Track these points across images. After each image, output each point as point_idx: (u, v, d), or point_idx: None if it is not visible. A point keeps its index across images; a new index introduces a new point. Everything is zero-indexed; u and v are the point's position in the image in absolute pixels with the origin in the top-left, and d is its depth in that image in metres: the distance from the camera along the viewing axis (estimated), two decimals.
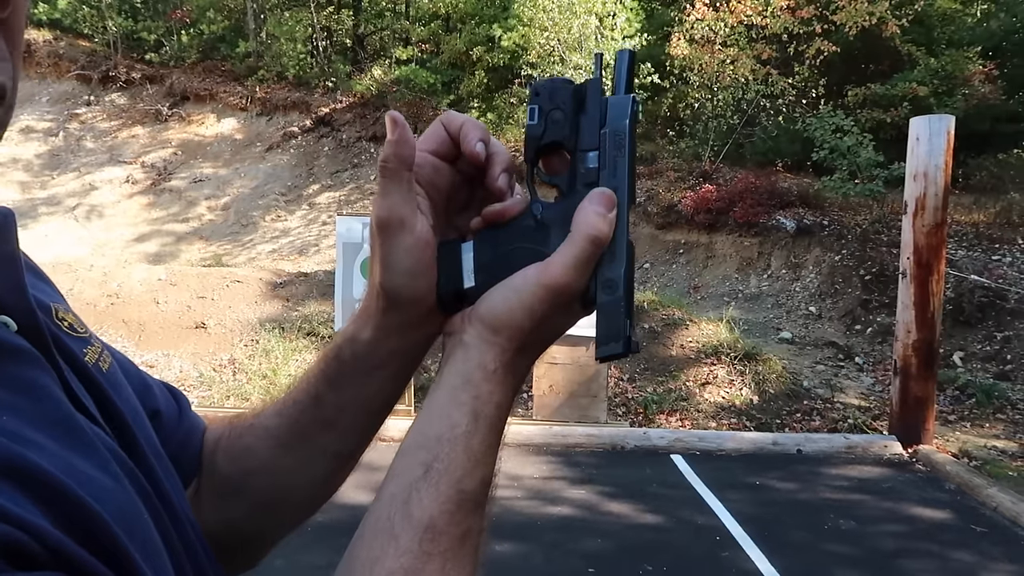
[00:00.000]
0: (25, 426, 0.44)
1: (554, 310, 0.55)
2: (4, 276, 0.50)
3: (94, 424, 0.51)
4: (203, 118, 18.87)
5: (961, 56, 13.58)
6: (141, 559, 0.45)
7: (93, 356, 0.58)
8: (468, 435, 0.53)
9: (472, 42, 17.90)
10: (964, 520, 5.12)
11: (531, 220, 0.58)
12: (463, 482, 0.52)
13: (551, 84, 0.60)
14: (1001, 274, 9.64)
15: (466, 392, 0.54)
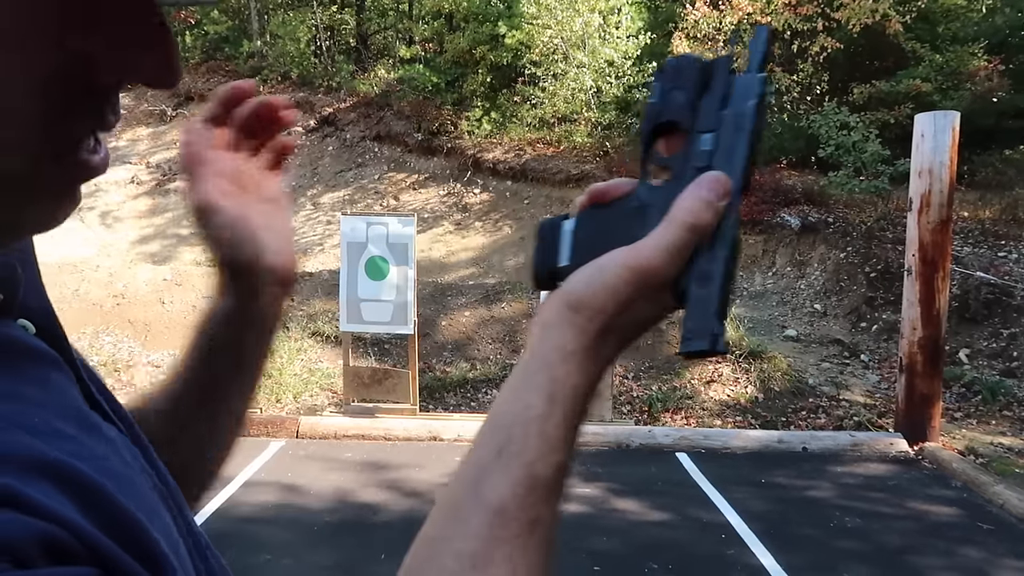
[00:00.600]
0: (56, 424, 0.45)
1: (640, 295, 0.51)
2: (26, 280, 0.51)
3: (108, 422, 0.52)
4: None
5: (966, 52, 13.53)
6: (172, 554, 0.46)
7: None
8: (543, 418, 0.51)
9: (475, 41, 17.90)
10: (971, 517, 5.11)
11: (636, 202, 0.55)
12: (536, 466, 0.50)
13: (678, 62, 0.56)
14: (1007, 271, 9.61)
15: (542, 374, 0.52)
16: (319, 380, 7.89)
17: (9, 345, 0.48)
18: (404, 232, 6.80)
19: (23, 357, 0.48)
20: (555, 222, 0.57)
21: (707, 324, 0.48)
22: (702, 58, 0.55)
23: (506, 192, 15.88)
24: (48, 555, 0.39)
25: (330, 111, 18.11)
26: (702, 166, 0.52)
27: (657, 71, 0.58)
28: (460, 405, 7.65)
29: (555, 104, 15.84)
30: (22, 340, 0.49)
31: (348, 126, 17.98)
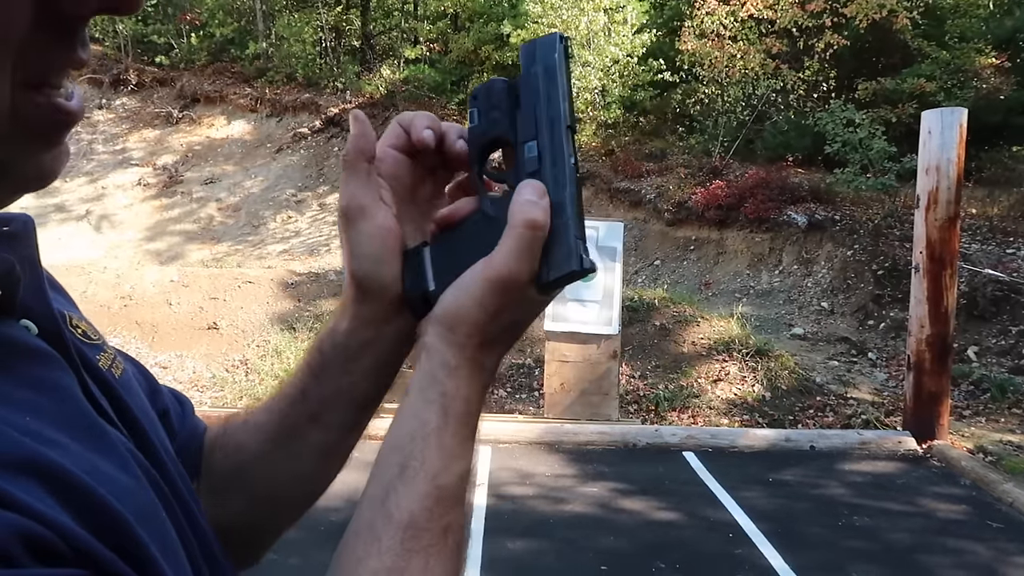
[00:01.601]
0: (47, 426, 0.45)
1: (505, 301, 0.55)
2: (27, 280, 0.51)
3: (112, 426, 0.52)
4: (213, 120, 18.95)
5: (972, 49, 13.47)
6: (162, 557, 0.46)
7: (106, 362, 0.59)
8: (439, 431, 0.54)
9: (480, 40, 17.91)
10: (980, 516, 5.09)
11: (482, 216, 0.59)
12: (439, 477, 0.52)
13: (487, 85, 0.61)
14: (1015, 267, 9.56)
15: (433, 390, 0.55)
16: None
17: (7, 345, 0.48)
18: None
19: (20, 357, 0.48)
20: (417, 250, 0.61)
21: (569, 248, 0.53)
22: (507, 79, 0.60)
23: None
24: (32, 553, 0.38)
25: (336, 111, 18.14)
26: (532, 171, 0.57)
27: (470, 98, 0.62)
28: None
29: None
30: (21, 340, 0.49)
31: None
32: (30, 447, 0.42)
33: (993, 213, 11.24)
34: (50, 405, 0.47)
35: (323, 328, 0.68)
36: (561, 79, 0.58)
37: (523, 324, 0.58)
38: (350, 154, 0.61)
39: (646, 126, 16.46)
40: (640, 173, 14.23)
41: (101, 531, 0.43)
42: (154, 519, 0.49)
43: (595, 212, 14.04)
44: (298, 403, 0.69)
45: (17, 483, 0.40)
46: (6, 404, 0.44)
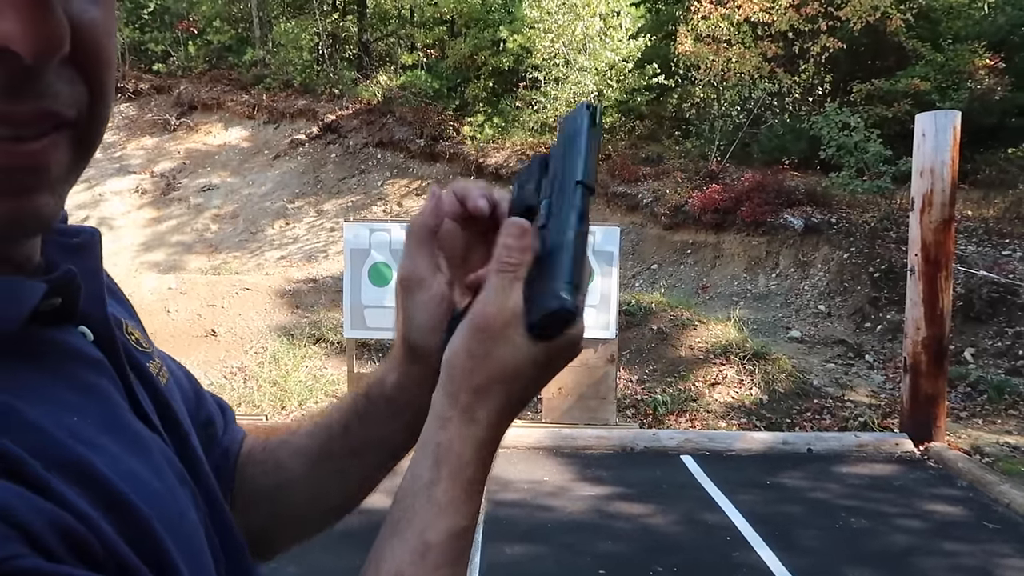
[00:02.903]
0: (92, 429, 0.48)
1: (488, 345, 0.54)
2: (87, 289, 0.53)
3: (154, 432, 0.55)
4: (211, 127, 18.97)
5: (967, 50, 13.52)
6: (184, 565, 0.48)
7: (155, 369, 0.63)
8: (429, 485, 0.53)
9: (477, 46, 17.95)
10: (976, 517, 5.10)
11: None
12: (426, 533, 0.52)
13: (528, 163, 0.65)
14: (1011, 269, 9.59)
15: (429, 444, 0.55)
16: (324, 387, 7.91)
17: (62, 350, 0.51)
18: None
19: (74, 362, 0.51)
20: (458, 316, 0.61)
21: (553, 289, 0.53)
22: (543, 154, 0.64)
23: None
24: (69, 548, 0.40)
25: (333, 118, 18.17)
26: (541, 225, 0.58)
27: (515, 176, 0.66)
28: None
29: (557, 108, 15.84)
30: (76, 346, 0.52)
31: (351, 133, 18.04)
32: (74, 449, 0.45)
33: (989, 215, 11.28)
34: (96, 409, 0.50)
35: (371, 375, 0.72)
36: (581, 141, 0.60)
37: (521, 366, 0.54)
38: (417, 227, 0.64)
39: (642, 130, 16.50)
40: (637, 177, 14.26)
41: (130, 537, 0.45)
42: (182, 527, 0.51)
43: (592, 217, 13.97)
44: (339, 437, 0.74)
45: (61, 482, 0.42)
46: (57, 406, 0.47)
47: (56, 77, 0.43)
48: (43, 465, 0.42)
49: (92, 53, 0.45)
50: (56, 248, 0.55)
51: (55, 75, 0.43)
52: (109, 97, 0.49)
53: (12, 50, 0.40)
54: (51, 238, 0.55)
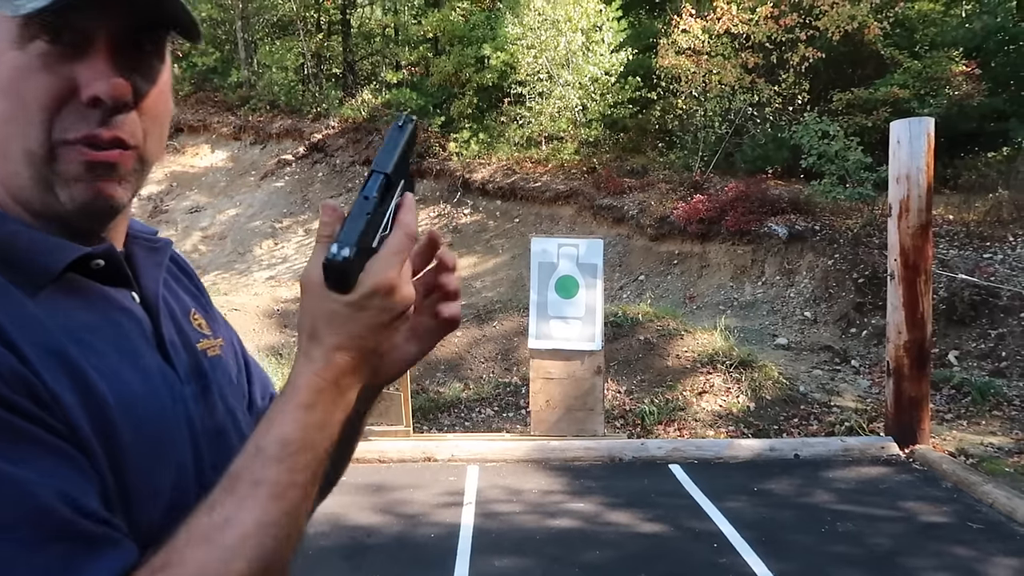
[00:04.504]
0: (97, 338, 0.70)
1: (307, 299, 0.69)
2: (150, 274, 0.83)
3: (170, 366, 0.78)
4: (197, 149, 19.01)
5: (943, 57, 13.72)
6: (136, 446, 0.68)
7: (206, 345, 0.87)
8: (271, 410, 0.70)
9: (461, 63, 18.09)
10: (961, 517, 5.15)
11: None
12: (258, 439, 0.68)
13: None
14: (992, 272, 9.70)
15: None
16: None
17: (105, 296, 0.76)
18: None
19: (109, 304, 0.76)
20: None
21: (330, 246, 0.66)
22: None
23: (496, 211, 15.98)
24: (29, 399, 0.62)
25: (319, 137, 18.25)
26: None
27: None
28: (454, 425, 7.68)
29: (542, 123, 15.98)
30: (117, 298, 0.77)
31: (337, 152, 18.12)
32: (60, 340, 0.66)
33: (970, 219, 11.41)
34: (111, 331, 0.73)
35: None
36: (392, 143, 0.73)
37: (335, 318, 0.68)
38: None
39: (627, 143, 16.64)
40: (622, 189, 14.37)
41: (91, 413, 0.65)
42: (154, 421, 0.71)
43: (579, 230, 14.18)
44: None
45: (41, 360, 0.63)
46: (69, 318, 0.70)
47: (126, 119, 0.71)
48: (28, 341, 0.63)
49: (148, 108, 0.74)
50: (141, 245, 0.84)
51: (126, 118, 0.71)
52: (159, 136, 0.77)
53: (103, 99, 0.69)
54: (141, 238, 0.84)
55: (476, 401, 8.04)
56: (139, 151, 0.74)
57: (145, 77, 0.73)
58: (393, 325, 0.71)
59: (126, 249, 0.82)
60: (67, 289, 0.72)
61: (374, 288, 0.68)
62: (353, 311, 0.68)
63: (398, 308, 0.70)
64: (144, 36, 0.73)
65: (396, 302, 0.70)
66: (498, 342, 9.06)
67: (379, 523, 5.11)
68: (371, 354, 0.71)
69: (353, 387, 0.71)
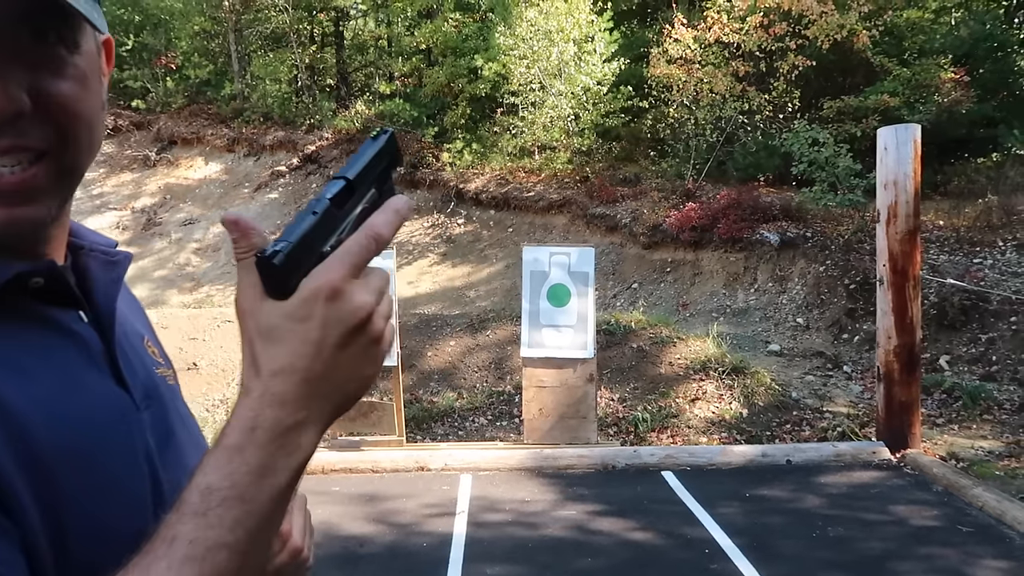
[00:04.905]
0: (34, 367, 0.64)
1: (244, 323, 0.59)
2: (105, 290, 0.75)
3: (124, 390, 0.71)
4: (191, 161, 19.04)
5: (933, 64, 13.83)
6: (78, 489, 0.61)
7: (164, 373, 0.82)
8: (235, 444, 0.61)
9: (454, 74, 18.18)
10: (951, 521, 5.18)
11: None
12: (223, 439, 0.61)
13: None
14: (983, 276, 9.75)
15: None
16: None
17: (44, 318, 0.68)
18: (384, 265, 6.86)
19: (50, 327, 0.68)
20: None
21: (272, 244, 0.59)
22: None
23: (490, 221, 16.02)
24: None
25: (313, 149, 18.30)
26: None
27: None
28: (448, 434, 7.69)
29: (534, 132, 16.05)
30: (59, 319, 0.70)
31: (331, 163, 18.16)
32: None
33: (960, 225, 11.47)
34: (48, 354, 0.66)
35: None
36: (362, 152, 0.66)
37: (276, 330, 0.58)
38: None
39: (619, 152, 16.71)
40: (615, 198, 14.43)
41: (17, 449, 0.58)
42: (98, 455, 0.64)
43: (572, 238, 14.22)
44: None
45: None
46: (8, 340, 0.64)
47: (28, 124, 0.62)
48: None
49: (56, 108, 0.64)
50: (97, 259, 0.76)
51: (27, 123, 0.62)
52: (78, 136, 0.67)
53: None
54: (97, 251, 0.77)
55: (470, 410, 8.05)
56: (55, 158, 0.65)
57: (53, 72, 0.64)
58: (347, 343, 0.58)
59: (80, 263, 0.75)
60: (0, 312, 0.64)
61: (314, 291, 0.56)
62: (292, 323, 0.57)
63: (348, 319, 0.57)
64: (42, 24, 0.62)
65: (345, 311, 0.57)
66: (491, 351, 9.08)
67: (372, 533, 5.12)
68: (321, 381, 0.57)
69: (303, 426, 0.57)
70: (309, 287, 0.57)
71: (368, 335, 0.59)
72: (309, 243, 0.59)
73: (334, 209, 0.61)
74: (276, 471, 0.56)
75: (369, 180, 0.65)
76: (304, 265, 0.58)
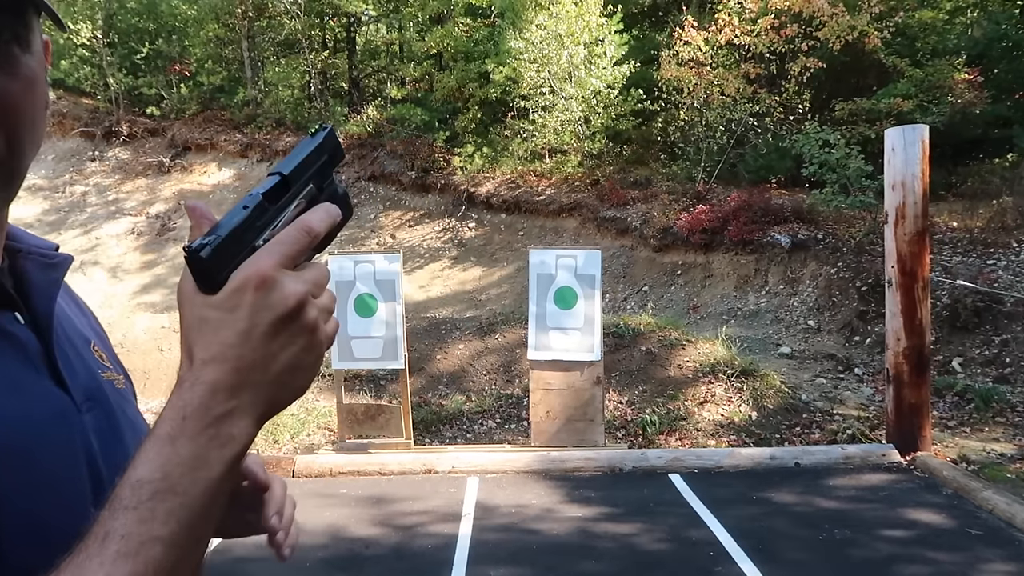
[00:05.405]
0: None
1: (182, 312, 0.60)
2: (43, 292, 0.74)
3: (62, 389, 0.71)
4: (205, 167, 19.19)
5: (946, 65, 13.72)
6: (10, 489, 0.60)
7: (111, 377, 0.81)
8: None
9: (465, 79, 18.23)
10: (960, 524, 5.13)
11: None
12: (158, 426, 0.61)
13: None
14: (996, 278, 9.66)
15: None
16: (316, 419, 7.97)
17: None
18: (391, 268, 6.93)
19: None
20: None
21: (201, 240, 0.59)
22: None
23: (500, 225, 16.05)
24: None
25: None
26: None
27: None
28: (456, 437, 7.71)
29: (545, 136, 16.06)
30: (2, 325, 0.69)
31: (343, 167, 18.24)
32: None
33: (973, 226, 11.37)
34: None
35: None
36: (299, 148, 0.67)
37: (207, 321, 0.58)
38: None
39: (630, 155, 16.70)
40: (625, 201, 14.41)
41: None
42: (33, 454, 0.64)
43: (583, 241, 14.21)
44: None
45: None
46: None
47: None
48: None
49: (6, 110, 0.62)
50: (35, 261, 0.75)
51: None
52: (23, 139, 0.65)
53: None
54: (35, 254, 0.76)
55: (478, 413, 8.07)
56: (3, 163, 0.64)
57: (6, 72, 0.62)
58: (278, 332, 0.57)
59: (17, 266, 0.74)
60: None
61: (242, 281, 0.57)
62: (222, 313, 0.57)
63: (278, 307, 0.57)
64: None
65: (274, 299, 0.57)
66: (500, 354, 9.09)
67: (377, 535, 5.14)
68: (252, 370, 0.57)
69: (235, 415, 0.57)
70: (238, 277, 0.57)
71: (300, 323, 0.58)
72: (239, 236, 0.59)
73: (266, 204, 0.62)
74: (209, 463, 0.56)
75: (307, 176, 0.66)
76: (235, 258, 0.58)
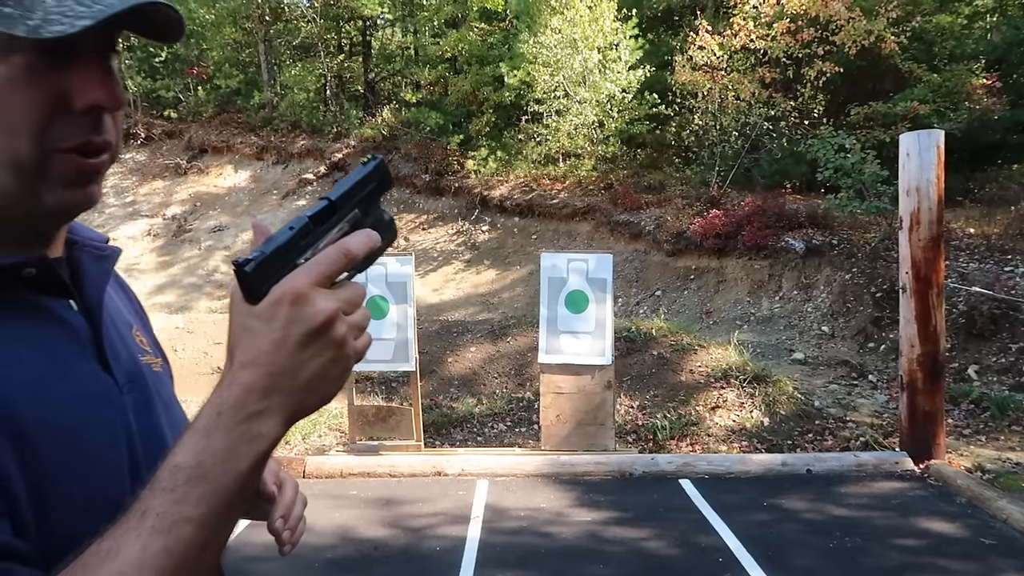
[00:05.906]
0: (22, 349, 0.70)
1: (230, 318, 0.67)
2: (95, 282, 0.81)
3: (107, 372, 0.78)
4: (221, 169, 19.33)
5: (964, 70, 13.61)
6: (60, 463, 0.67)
7: (149, 360, 0.89)
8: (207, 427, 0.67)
9: (479, 83, 18.27)
10: (973, 533, 5.08)
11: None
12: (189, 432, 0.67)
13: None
14: (1013, 285, 9.56)
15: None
16: (327, 420, 8.00)
17: (35, 306, 0.74)
18: (402, 271, 6.95)
19: (40, 314, 0.74)
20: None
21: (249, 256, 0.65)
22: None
23: (514, 228, 16.05)
24: None
25: (340, 156, 18.48)
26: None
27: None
28: (467, 440, 7.71)
29: (559, 140, 16.06)
30: (49, 307, 0.76)
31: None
32: None
33: (991, 232, 11.26)
34: (37, 339, 0.72)
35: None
36: (350, 176, 0.72)
37: (248, 330, 0.64)
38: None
39: (644, 159, 16.66)
40: (639, 205, 14.38)
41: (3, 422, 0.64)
42: (81, 432, 0.71)
43: (596, 245, 14.19)
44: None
45: None
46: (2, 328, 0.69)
47: (109, 122, 0.74)
48: None
49: (117, 107, 0.74)
50: (89, 252, 0.84)
51: (109, 122, 0.74)
52: (120, 130, 0.78)
53: (103, 106, 0.72)
54: (90, 246, 0.84)
55: (489, 416, 8.07)
56: (113, 150, 0.76)
57: (117, 83, 0.74)
58: (308, 343, 0.63)
59: (72, 256, 0.81)
60: None
61: (280, 295, 0.62)
62: (260, 323, 0.63)
63: (309, 321, 0.62)
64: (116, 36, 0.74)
65: (307, 313, 0.62)
66: (512, 358, 9.09)
67: (386, 536, 5.15)
68: (283, 376, 0.63)
69: (265, 415, 0.63)
70: (277, 291, 0.63)
71: (328, 337, 0.64)
72: (282, 254, 0.65)
73: (312, 226, 0.67)
74: (239, 456, 0.62)
75: (353, 202, 0.71)
76: (277, 274, 0.64)
